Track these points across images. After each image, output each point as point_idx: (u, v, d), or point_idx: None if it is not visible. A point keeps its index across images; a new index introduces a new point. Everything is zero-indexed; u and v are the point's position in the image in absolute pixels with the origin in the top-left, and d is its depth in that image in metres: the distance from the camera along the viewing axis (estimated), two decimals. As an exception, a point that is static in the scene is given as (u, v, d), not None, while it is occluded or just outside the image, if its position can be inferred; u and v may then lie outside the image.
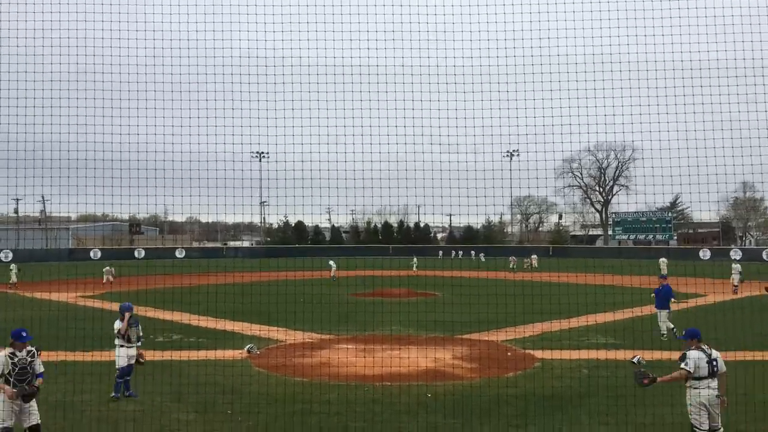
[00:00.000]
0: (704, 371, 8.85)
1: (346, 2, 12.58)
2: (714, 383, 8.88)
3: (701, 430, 8.80)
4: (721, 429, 8.96)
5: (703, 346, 9.19)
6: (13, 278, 37.14)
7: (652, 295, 20.52)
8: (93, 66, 12.55)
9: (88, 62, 12.51)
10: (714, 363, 8.97)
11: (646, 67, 13.21)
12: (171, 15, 12.55)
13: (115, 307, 16.68)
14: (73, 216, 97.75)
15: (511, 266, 53.33)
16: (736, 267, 34.66)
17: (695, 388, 8.88)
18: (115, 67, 12.67)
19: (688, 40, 12.79)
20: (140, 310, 25.22)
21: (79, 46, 12.52)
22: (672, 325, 19.13)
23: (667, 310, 19.60)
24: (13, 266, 38.25)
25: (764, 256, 68.03)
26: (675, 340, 16.51)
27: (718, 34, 12.65)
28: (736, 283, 33.30)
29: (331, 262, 45.60)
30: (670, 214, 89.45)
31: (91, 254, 77.16)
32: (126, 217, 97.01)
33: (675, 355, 15.45)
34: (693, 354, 9.01)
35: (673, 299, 19.96)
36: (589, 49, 13.24)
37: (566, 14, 12.91)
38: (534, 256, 58.79)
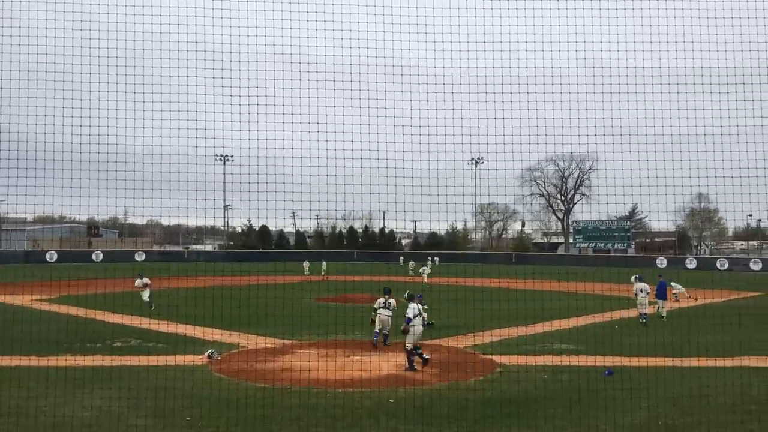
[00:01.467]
0: None
1: (311, 11, 12.64)
2: None
3: None
4: None
5: None
6: None
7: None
8: (52, 64, 12.30)
9: (42, 59, 12.25)
10: None
11: (610, 80, 13.56)
12: (134, 7, 12.40)
13: (72, 310, 16.32)
14: (30, 217, 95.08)
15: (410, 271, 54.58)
16: (676, 285, 34.68)
17: None
18: (75, 66, 12.44)
19: (649, 53, 13.19)
20: (98, 314, 24.79)
21: (37, 42, 12.26)
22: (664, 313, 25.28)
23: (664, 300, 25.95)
24: None
25: (718, 266, 70.12)
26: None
27: (677, 44, 13.06)
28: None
29: (324, 263, 46.81)
30: (628, 223, 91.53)
31: (47, 257, 75.11)
32: (84, 219, 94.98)
33: (631, 360, 15.80)
34: None
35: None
36: (554, 60, 13.56)
37: (530, 25, 13.18)
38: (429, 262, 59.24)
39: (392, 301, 18.78)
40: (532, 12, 12.97)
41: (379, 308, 18.52)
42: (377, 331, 18.55)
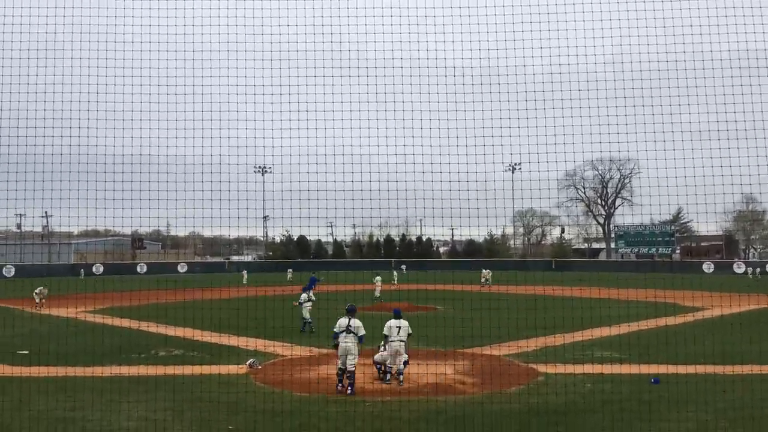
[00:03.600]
0: None
1: (344, 17, 12.67)
2: None
3: None
4: None
5: None
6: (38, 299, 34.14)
7: None
8: (96, 78, 12.62)
9: (91, 73, 12.58)
10: None
11: (649, 79, 13.24)
12: (176, 25, 12.63)
13: (116, 321, 16.61)
14: (76, 231, 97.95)
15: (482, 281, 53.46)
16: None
17: None
18: (118, 79, 12.74)
19: (690, 45, 12.81)
20: (142, 325, 25.27)
21: (81, 58, 12.60)
22: None
23: None
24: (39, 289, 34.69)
25: (768, 269, 67.73)
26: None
27: (719, 32, 12.65)
28: None
29: (378, 278, 44.43)
30: (672, 228, 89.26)
31: (94, 269, 77.12)
32: (128, 231, 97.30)
33: (678, 368, 15.31)
34: None
35: None
36: (591, 62, 13.29)
37: (567, 28, 12.97)
38: (487, 271, 58.33)
39: (357, 322, 14.58)
40: (566, 11, 12.77)
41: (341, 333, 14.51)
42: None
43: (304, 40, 12.79)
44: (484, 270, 57.78)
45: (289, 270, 57.97)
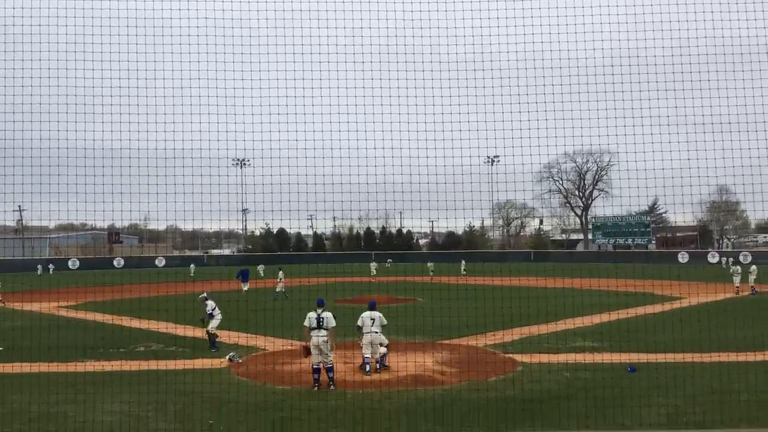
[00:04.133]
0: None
1: (323, 11, 12.62)
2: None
3: None
4: None
5: None
6: None
7: None
8: (73, 70, 12.41)
9: (68, 63, 12.36)
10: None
11: (621, 71, 13.38)
12: (154, 11, 12.47)
13: (95, 316, 16.29)
14: (51, 225, 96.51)
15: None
16: (735, 269, 35.39)
17: None
18: (96, 72, 12.54)
19: (663, 42, 12.99)
20: (118, 320, 25.02)
21: (59, 43, 12.38)
22: None
23: None
24: None
25: (741, 259, 69.05)
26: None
27: (696, 23, 12.83)
28: (737, 285, 34.11)
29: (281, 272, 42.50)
30: (648, 218, 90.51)
31: (70, 264, 76.08)
32: (105, 225, 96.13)
33: (654, 357, 15.63)
34: None
35: None
36: (566, 53, 13.40)
37: (544, 18, 13.05)
38: (463, 261, 59.63)
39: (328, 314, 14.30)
40: (544, 4, 12.85)
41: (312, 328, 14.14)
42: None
43: (282, 27, 12.71)
44: (463, 261, 58.50)
45: (261, 266, 57.02)
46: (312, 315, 14.10)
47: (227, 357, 16.83)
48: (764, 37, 12.58)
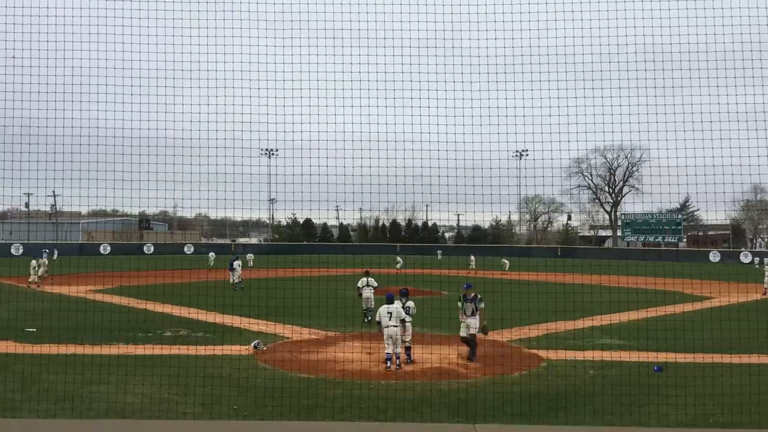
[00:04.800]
0: None
1: (354, 2, 12.61)
2: None
3: None
4: None
5: None
6: (34, 276, 35.15)
7: None
8: (105, 60, 12.65)
9: (99, 50, 12.58)
10: None
11: (656, 66, 13.15)
12: (181, 3, 12.62)
13: (124, 300, 16.56)
14: (84, 211, 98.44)
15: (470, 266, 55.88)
16: None
17: None
18: (126, 63, 12.76)
19: (698, 38, 12.72)
20: (148, 305, 25.51)
21: (91, 33, 12.61)
22: None
23: None
24: (35, 262, 35.83)
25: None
26: None
27: (730, 30, 12.55)
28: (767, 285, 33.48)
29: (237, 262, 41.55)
30: (680, 216, 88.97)
31: (101, 249, 77.63)
32: (136, 212, 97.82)
33: (681, 356, 15.42)
34: None
35: None
36: (599, 48, 13.21)
37: (576, 13, 12.88)
38: (472, 257, 59.58)
39: (411, 303, 16.10)
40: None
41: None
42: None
43: (315, 20, 12.76)
44: (504, 259, 58.27)
45: (211, 253, 56.77)
46: (397, 305, 15.36)
47: (252, 344, 17.06)
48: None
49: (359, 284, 22.95)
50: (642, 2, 12.37)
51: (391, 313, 14.92)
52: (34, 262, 35.71)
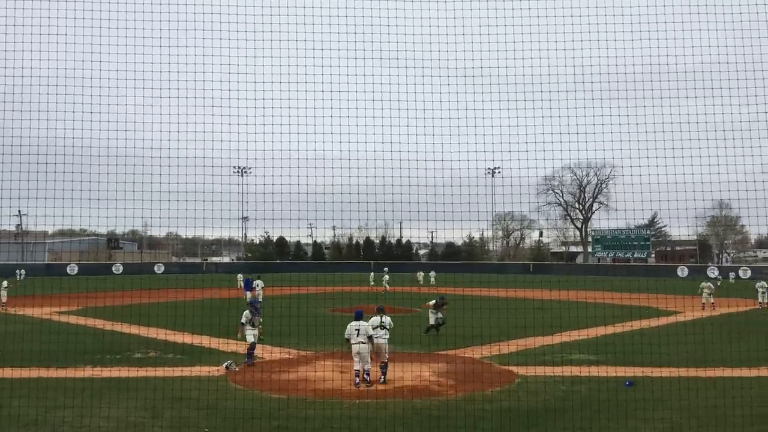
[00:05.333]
0: None
1: (326, 18, 12.73)
2: None
3: None
4: None
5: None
6: (3, 298, 33.60)
7: None
8: (72, 78, 12.51)
9: (68, 67, 12.45)
10: None
11: (619, 86, 13.48)
12: (152, 21, 12.58)
13: (91, 322, 16.21)
14: (50, 230, 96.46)
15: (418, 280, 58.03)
16: (708, 285, 35.26)
17: None
18: (94, 73, 12.63)
19: (665, 50, 13.08)
20: (116, 326, 25.00)
21: (57, 63, 12.48)
22: None
23: None
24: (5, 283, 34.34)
25: (740, 274, 69.07)
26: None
27: (693, 39, 12.92)
28: (704, 301, 34.01)
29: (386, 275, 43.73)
30: (648, 232, 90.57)
31: (68, 269, 76.02)
32: (104, 231, 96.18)
33: (652, 371, 15.61)
34: None
35: None
36: (569, 67, 13.50)
37: (546, 33, 13.17)
38: (428, 272, 61.19)
39: (387, 318, 15.67)
40: (543, 14, 12.96)
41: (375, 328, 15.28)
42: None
43: (288, 39, 12.82)
44: (428, 272, 59.08)
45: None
46: (376, 319, 15.48)
47: (224, 365, 16.81)
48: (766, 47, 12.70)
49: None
50: (607, 24, 12.69)
51: (358, 329, 14.89)
52: (5, 282, 34.55)
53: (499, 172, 71.26)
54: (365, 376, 14.75)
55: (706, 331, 21.71)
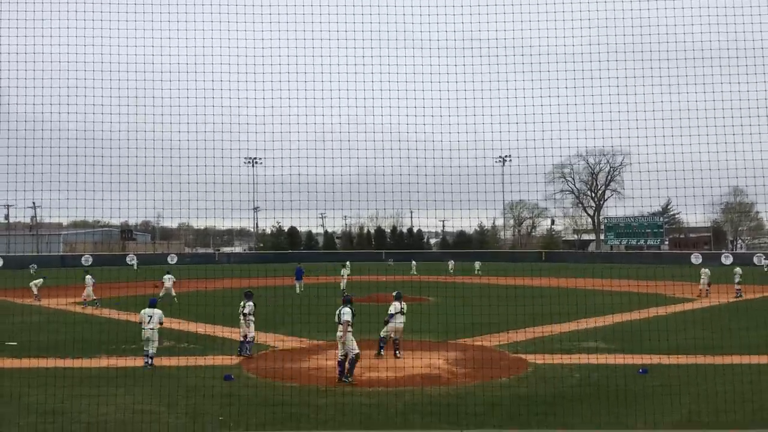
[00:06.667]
0: None
1: (337, 6, 12.65)
2: None
3: None
4: None
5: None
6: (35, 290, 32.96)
7: None
8: (83, 72, 12.53)
9: (78, 67, 12.49)
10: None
11: (634, 73, 13.32)
12: (161, 14, 12.56)
13: (106, 313, 16.32)
14: (65, 222, 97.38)
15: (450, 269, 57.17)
16: (705, 271, 34.79)
17: None
18: (105, 74, 12.66)
19: (676, 45, 12.90)
20: (130, 317, 25.19)
21: (69, 52, 12.50)
22: None
23: None
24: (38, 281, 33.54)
25: (755, 261, 68.41)
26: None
27: (711, 31, 12.73)
28: (701, 287, 33.52)
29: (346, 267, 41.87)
30: (661, 219, 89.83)
31: (83, 260, 76.69)
32: (117, 223, 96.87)
33: (665, 359, 15.53)
34: None
35: None
36: (580, 54, 13.35)
37: (556, 20, 13.01)
38: (451, 262, 60.76)
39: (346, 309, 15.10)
40: (558, 4, 12.81)
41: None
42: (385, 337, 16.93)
43: (294, 29, 12.76)
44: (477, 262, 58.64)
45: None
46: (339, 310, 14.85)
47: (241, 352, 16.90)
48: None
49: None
50: (615, 9, 12.51)
51: (339, 313, 14.67)
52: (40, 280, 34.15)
53: (510, 160, 70.94)
54: (340, 366, 14.17)
55: (723, 317, 21.56)
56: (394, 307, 17.00)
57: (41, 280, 33.53)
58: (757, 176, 13.48)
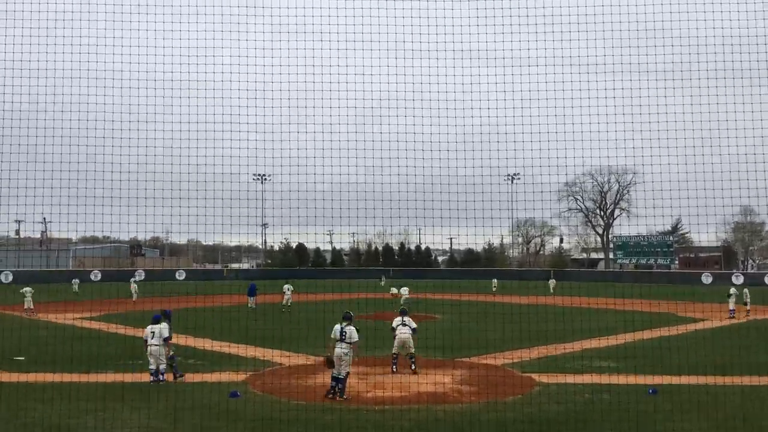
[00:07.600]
0: None
1: (346, 19, 12.76)
2: None
3: None
4: None
5: None
6: (29, 304, 33.63)
7: None
8: (95, 88, 12.69)
9: (90, 84, 12.65)
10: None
11: (640, 92, 13.32)
12: (172, 32, 12.71)
13: (112, 328, 16.34)
14: (74, 237, 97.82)
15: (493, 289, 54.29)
16: (745, 291, 34.59)
17: None
18: (116, 90, 12.82)
19: (686, 55, 12.91)
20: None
21: (81, 68, 12.66)
22: None
23: None
24: (26, 290, 34.20)
25: (766, 281, 67.73)
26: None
27: (715, 41, 12.71)
28: (732, 307, 33.21)
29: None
30: (671, 238, 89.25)
31: (92, 276, 76.96)
32: (127, 238, 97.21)
33: (675, 379, 15.35)
34: None
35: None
36: (586, 75, 13.38)
37: (563, 39, 13.06)
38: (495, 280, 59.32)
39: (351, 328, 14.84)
40: (564, 21, 12.86)
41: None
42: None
43: (304, 48, 12.88)
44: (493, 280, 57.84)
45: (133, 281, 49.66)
46: (337, 327, 14.56)
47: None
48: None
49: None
50: (629, 24, 12.56)
51: (342, 332, 14.43)
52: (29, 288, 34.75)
53: (518, 178, 70.86)
54: (334, 385, 14.01)
55: (733, 337, 21.32)
56: (396, 320, 17.46)
57: (31, 290, 33.75)
58: (766, 196, 13.39)
